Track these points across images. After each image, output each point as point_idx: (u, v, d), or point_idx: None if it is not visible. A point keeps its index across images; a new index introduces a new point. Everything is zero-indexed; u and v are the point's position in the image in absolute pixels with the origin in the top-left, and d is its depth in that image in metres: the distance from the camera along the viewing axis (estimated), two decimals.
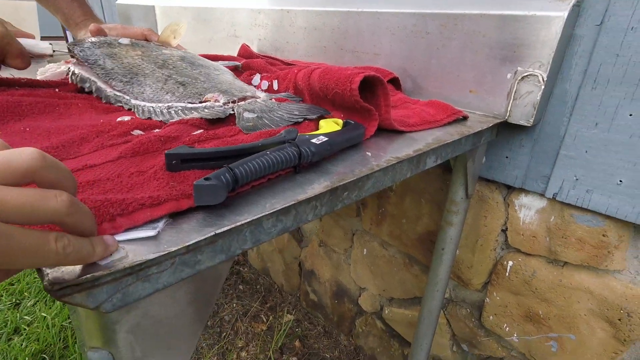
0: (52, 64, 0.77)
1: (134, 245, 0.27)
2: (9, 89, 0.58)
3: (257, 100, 0.62)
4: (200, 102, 0.61)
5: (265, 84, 0.75)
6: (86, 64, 0.63)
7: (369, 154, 0.49)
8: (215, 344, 1.31)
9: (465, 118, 0.66)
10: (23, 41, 0.49)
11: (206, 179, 0.32)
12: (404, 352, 1.19)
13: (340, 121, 0.55)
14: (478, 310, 0.95)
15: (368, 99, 0.55)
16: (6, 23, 0.47)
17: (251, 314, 1.45)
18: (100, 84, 0.62)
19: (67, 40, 1.06)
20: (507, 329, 0.90)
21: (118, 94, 0.61)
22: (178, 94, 0.62)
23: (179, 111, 0.57)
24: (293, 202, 0.35)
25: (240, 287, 1.59)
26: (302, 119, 0.54)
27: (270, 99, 0.65)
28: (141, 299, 0.27)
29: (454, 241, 0.78)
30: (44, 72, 0.73)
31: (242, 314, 1.44)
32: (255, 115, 0.56)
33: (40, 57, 0.52)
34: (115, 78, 0.62)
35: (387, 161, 0.46)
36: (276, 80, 0.74)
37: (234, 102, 0.60)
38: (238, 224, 0.31)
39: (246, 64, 0.85)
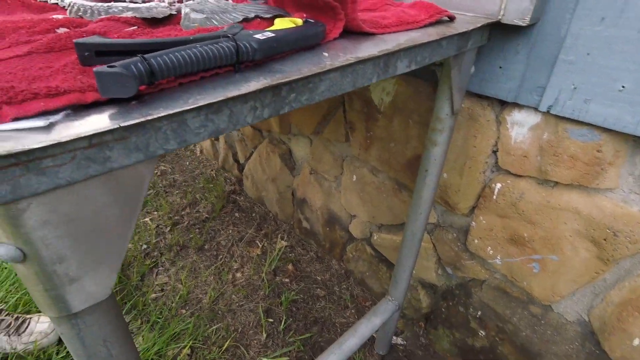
0: None
1: (21, 134, 0.24)
2: None
3: (208, 0, 0.55)
4: (144, 2, 0.54)
5: None
6: None
7: (326, 54, 0.43)
8: (211, 264, 1.37)
9: (451, 19, 0.57)
10: None
11: (110, 66, 0.27)
12: (391, 275, 1.23)
13: (299, 21, 0.48)
14: (464, 234, 0.94)
15: None
16: None
17: (246, 239, 1.49)
18: None
19: None
20: (491, 252, 0.90)
21: None
22: None
23: (119, 11, 0.51)
24: (222, 99, 0.31)
25: (237, 214, 1.62)
26: (252, 15, 0.47)
27: (226, 0, 0.57)
28: (40, 194, 0.25)
29: (439, 162, 0.74)
30: None
31: (237, 239, 1.49)
32: (204, 16, 0.50)
33: None
34: None
35: (345, 61, 0.40)
36: None
37: (180, 1, 0.53)
38: (150, 117, 0.27)
39: None
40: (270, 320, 1.19)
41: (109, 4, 0.52)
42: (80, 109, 0.28)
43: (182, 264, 1.36)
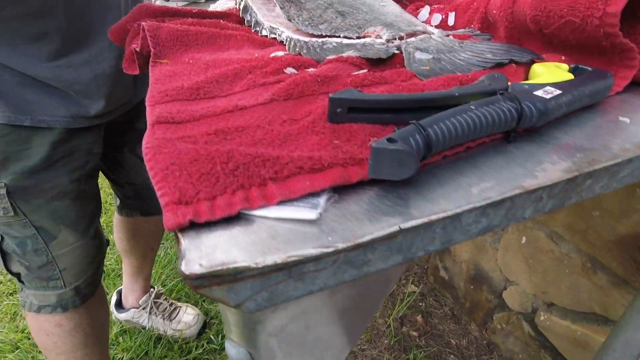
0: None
1: (287, 227, 0.19)
2: (182, 18, 0.58)
3: (431, 36, 0.47)
4: (359, 38, 0.50)
5: (437, 18, 0.58)
6: None
7: (626, 119, 0.30)
8: None
9: None
10: None
11: (389, 139, 0.21)
12: None
13: (565, 66, 0.37)
14: None
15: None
16: None
17: None
18: (259, 17, 0.57)
19: None
20: None
21: (274, 26, 0.55)
22: (335, 24, 0.52)
23: (334, 48, 0.48)
24: (517, 192, 0.22)
25: None
26: (507, 61, 0.38)
27: (448, 36, 0.49)
28: (290, 301, 0.20)
29: None
30: (215, 7, 0.75)
31: None
32: (431, 56, 0.42)
33: None
34: None
35: None
36: (453, 13, 0.56)
37: (400, 38, 0.47)
38: (434, 217, 0.20)
39: None
40: None
41: (323, 39, 0.50)
42: (340, 190, 0.22)
43: None
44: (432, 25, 0.58)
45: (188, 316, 1.14)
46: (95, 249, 0.74)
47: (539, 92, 0.28)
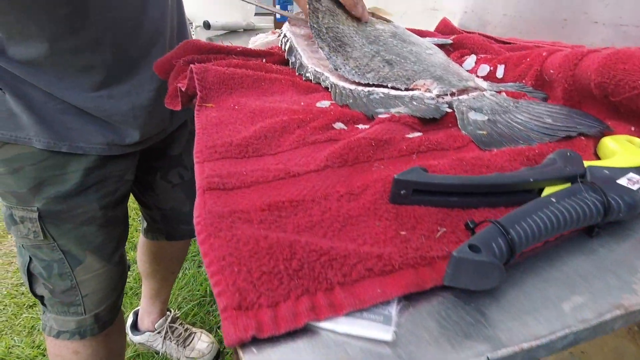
0: (261, 34, 0.79)
1: (359, 346, 0.17)
2: (227, 56, 0.58)
3: (484, 94, 0.45)
4: (407, 89, 0.49)
5: (484, 69, 0.57)
6: (309, 7, 0.58)
7: None
8: None
9: None
10: None
11: (471, 247, 0.19)
12: None
13: (638, 141, 0.34)
14: None
15: None
16: None
17: None
18: (304, 59, 0.56)
19: (274, 15, 1.10)
20: None
21: (318, 71, 0.54)
22: (382, 73, 0.51)
23: (381, 100, 0.46)
24: (618, 313, 0.19)
25: None
26: (574, 134, 0.35)
27: (499, 92, 0.47)
28: None
29: None
30: (254, 41, 0.75)
31: None
32: (486, 117, 0.40)
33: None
34: (324, 39, 0.55)
35: None
36: (503, 66, 0.55)
37: (452, 94, 0.45)
38: (526, 346, 0.17)
39: (458, 41, 0.67)
40: None
41: (370, 89, 0.49)
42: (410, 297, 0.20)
43: None
44: (478, 76, 0.56)
45: (202, 344, 1.12)
46: (118, 275, 0.74)
47: (623, 181, 0.26)
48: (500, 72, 0.54)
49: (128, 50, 0.62)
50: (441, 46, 0.68)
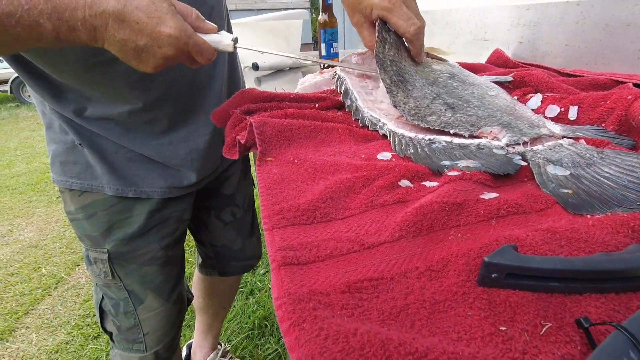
0: (309, 75, 0.80)
1: None
2: (281, 103, 0.60)
3: (562, 143, 0.42)
4: (471, 136, 0.46)
5: (554, 110, 0.53)
6: (378, 37, 0.57)
7: None
8: None
9: None
10: (206, 37, 0.46)
11: None
12: None
13: None
14: None
15: None
16: (190, 17, 0.45)
17: None
18: (359, 102, 0.56)
19: (319, 52, 1.12)
20: None
21: (374, 116, 0.54)
22: (444, 118, 0.49)
23: (444, 149, 0.45)
24: None
25: None
26: None
27: (577, 139, 0.44)
28: None
29: None
30: (303, 82, 0.76)
31: None
32: (568, 172, 0.37)
33: (222, 52, 0.50)
34: (387, 71, 0.54)
35: None
36: (576, 107, 0.51)
37: (524, 143, 0.43)
38: None
39: (519, 78, 0.64)
40: None
41: (431, 136, 0.47)
42: None
43: None
44: (546, 117, 0.53)
45: None
46: (176, 313, 0.76)
47: None
48: (573, 113, 0.51)
49: (186, 101, 0.66)
50: (500, 84, 0.66)
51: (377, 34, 0.57)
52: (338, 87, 0.62)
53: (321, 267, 0.27)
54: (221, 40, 0.48)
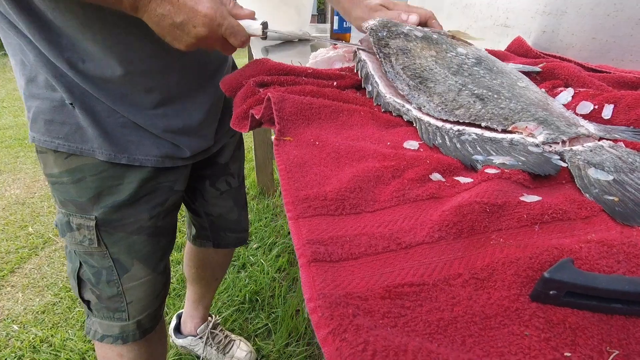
0: (322, 49, 0.76)
1: None
2: (297, 78, 0.56)
3: (602, 145, 0.40)
4: (504, 131, 0.44)
5: (586, 106, 0.51)
6: (379, 55, 0.55)
7: None
8: None
9: None
10: (241, 22, 0.49)
11: None
12: None
13: None
14: None
15: None
16: (228, 4, 0.48)
17: None
18: (381, 88, 0.53)
19: (331, 25, 1.06)
20: None
21: (398, 102, 0.50)
22: (474, 110, 0.46)
23: (474, 142, 0.42)
24: None
25: None
26: None
27: (615, 140, 0.41)
28: None
29: None
30: (315, 56, 0.72)
31: None
32: (611, 177, 0.35)
33: (253, 36, 0.52)
34: (402, 80, 0.52)
35: None
36: (612, 106, 0.48)
37: (562, 142, 0.40)
38: None
39: (548, 69, 0.61)
40: None
41: (460, 127, 0.45)
42: None
43: None
44: (578, 114, 0.50)
45: (241, 352, 1.12)
46: (161, 285, 0.74)
47: None
48: (607, 112, 0.48)
49: (191, 76, 0.62)
50: (527, 74, 0.62)
51: (377, 54, 0.55)
52: (359, 72, 0.59)
53: (355, 265, 0.25)
54: (250, 24, 0.50)
